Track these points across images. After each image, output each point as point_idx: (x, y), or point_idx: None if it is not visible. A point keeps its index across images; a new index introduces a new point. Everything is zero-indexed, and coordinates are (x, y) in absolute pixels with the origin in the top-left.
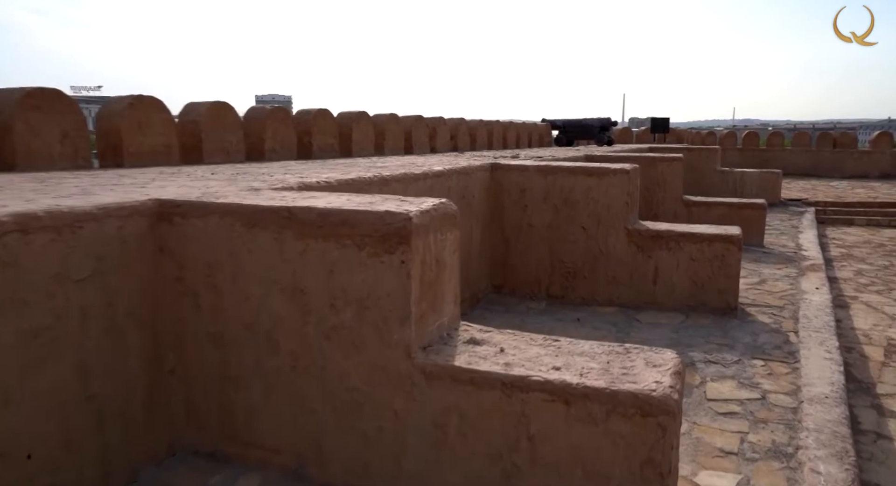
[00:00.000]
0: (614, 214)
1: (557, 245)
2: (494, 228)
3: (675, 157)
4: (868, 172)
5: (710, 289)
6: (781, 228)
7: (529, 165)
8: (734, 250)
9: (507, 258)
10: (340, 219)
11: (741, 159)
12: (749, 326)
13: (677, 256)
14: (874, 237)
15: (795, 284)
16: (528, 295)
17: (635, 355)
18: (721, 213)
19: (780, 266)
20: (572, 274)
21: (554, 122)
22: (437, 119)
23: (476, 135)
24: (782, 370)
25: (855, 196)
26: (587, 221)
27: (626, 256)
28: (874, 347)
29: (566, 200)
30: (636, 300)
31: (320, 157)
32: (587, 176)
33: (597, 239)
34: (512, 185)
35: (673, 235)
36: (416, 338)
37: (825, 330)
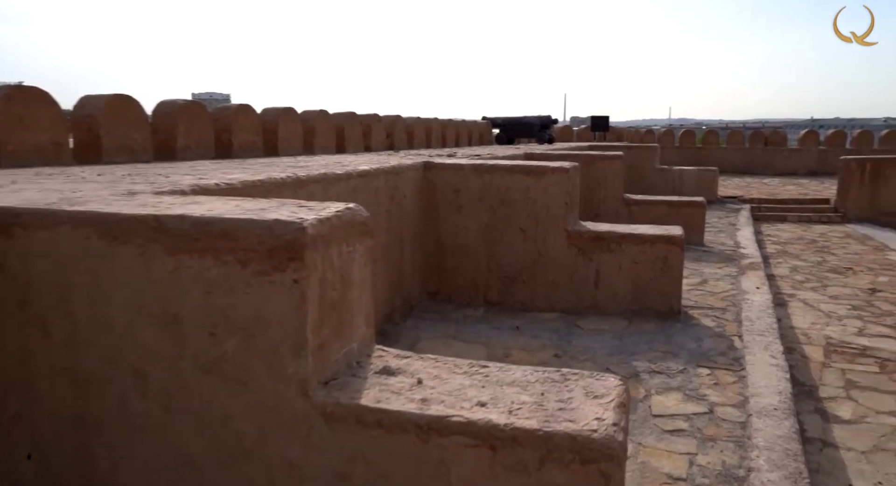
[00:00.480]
0: (554, 215)
1: (495, 248)
2: (428, 231)
3: (615, 155)
4: (797, 169)
5: (652, 292)
6: (720, 225)
7: (464, 163)
8: (677, 252)
9: (443, 263)
10: (220, 230)
11: (679, 157)
12: (693, 330)
13: (619, 258)
14: (806, 233)
15: (736, 283)
16: (464, 302)
17: (574, 383)
18: (662, 212)
19: (720, 265)
20: (511, 279)
21: (494, 120)
22: (371, 116)
23: (413, 133)
24: (728, 379)
25: (787, 193)
26: (526, 222)
27: (566, 259)
28: (814, 346)
29: (503, 200)
30: (577, 306)
31: (241, 156)
32: (525, 175)
33: (536, 241)
34: (446, 185)
35: (614, 236)
36: (314, 371)
37: (769, 333)
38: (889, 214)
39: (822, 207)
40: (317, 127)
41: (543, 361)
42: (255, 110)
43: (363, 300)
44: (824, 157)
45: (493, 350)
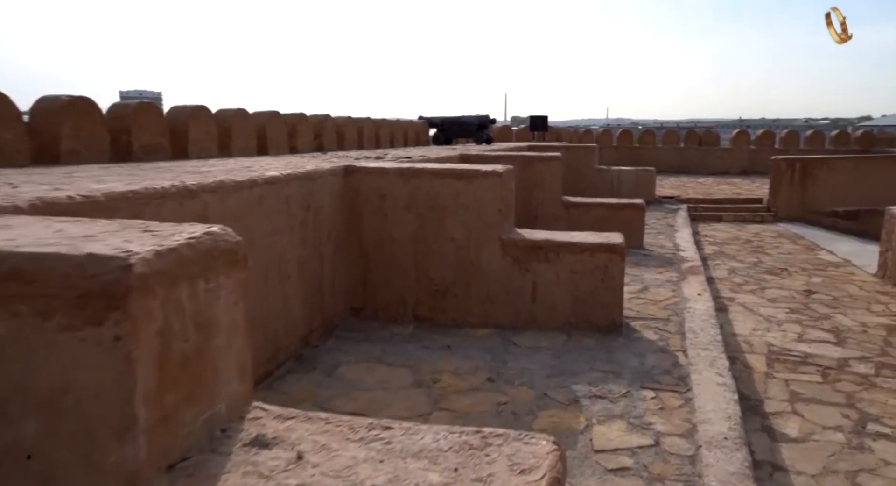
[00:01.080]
0: (487, 223)
1: (424, 260)
2: (351, 241)
3: (553, 156)
4: (729, 168)
5: (593, 305)
6: (658, 226)
7: (389, 167)
8: (617, 261)
9: (368, 276)
10: (10, 269)
11: (617, 157)
12: (635, 345)
13: (557, 269)
14: (741, 233)
15: (678, 290)
16: (392, 318)
17: (496, 449)
18: (601, 214)
19: (661, 270)
20: (442, 293)
21: (431, 119)
22: (297, 116)
23: (345, 133)
24: (674, 403)
25: (721, 193)
26: (457, 231)
27: (501, 270)
28: (756, 355)
29: (432, 207)
30: (514, 320)
31: (143, 159)
32: (455, 179)
33: (468, 251)
34: (370, 190)
35: (552, 245)
36: (150, 456)
37: (713, 346)
38: (817, 213)
39: (756, 207)
40: (234, 127)
41: (475, 386)
42: (159, 109)
43: (234, 348)
44: (755, 156)
45: (421, 375)
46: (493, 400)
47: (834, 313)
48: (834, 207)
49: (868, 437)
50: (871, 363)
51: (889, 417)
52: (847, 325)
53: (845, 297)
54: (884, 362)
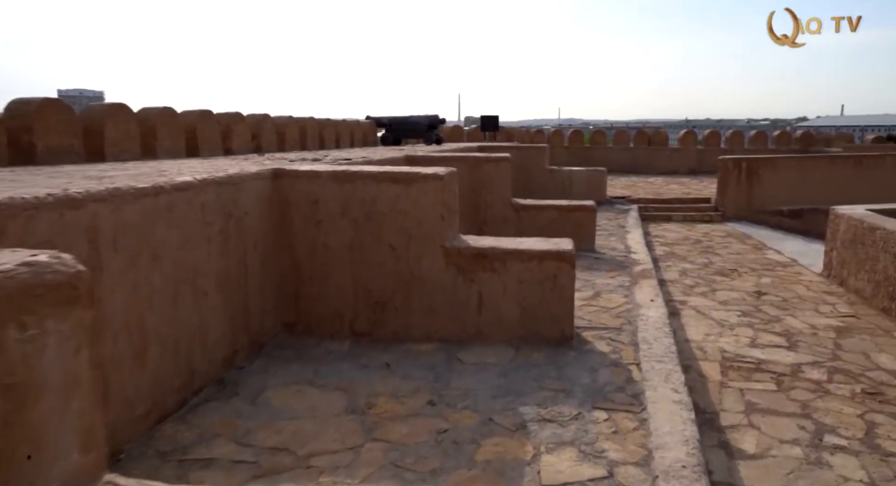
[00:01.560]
0: (428, 230)
1: (361, 270)
2: (282, 251)
3: (502, 157)
4: (678, 168)
5: (542, 316)
6: (610, 228)
7: (322, 170)
8: (567, 269)
9: (301, 289)
10: None
11: (568, 157)
12: (587, 358)
13: (504, 278)
14: (691, 233)
15: (630, 295)
16: (328, 333)
17: None
18: (551, 216)
19: (612, 274)
20: (381, 305)
21: (379, 119)
22: (232, 115)
23: (285, 134)
24: (629, 425)
25: (671, 192)
26: (396, 238)
27: (444, 280)
28: (710, 362)
29: (369, 213)
30: (459, 334)
31: (50, 162)
32: (393, 183)
33: (408, 261)
34: (301, 196)
35: (498, 253)
36: None
37: (668, 359)
38: (763, 213)
39: (704, 207)
40: (159, 127)
41: (415, 410)
42: (69, 107)
43: (74, 411)
44: (702, 156)
45: (355, 399)
46: (432, 427)
47: (784, 315)
48: (779, 207)
49: (826, 450)
50: (823, 368)
51: (845, 427)
52: (798, 328)
53: (794, 298)
54: (835, 367)
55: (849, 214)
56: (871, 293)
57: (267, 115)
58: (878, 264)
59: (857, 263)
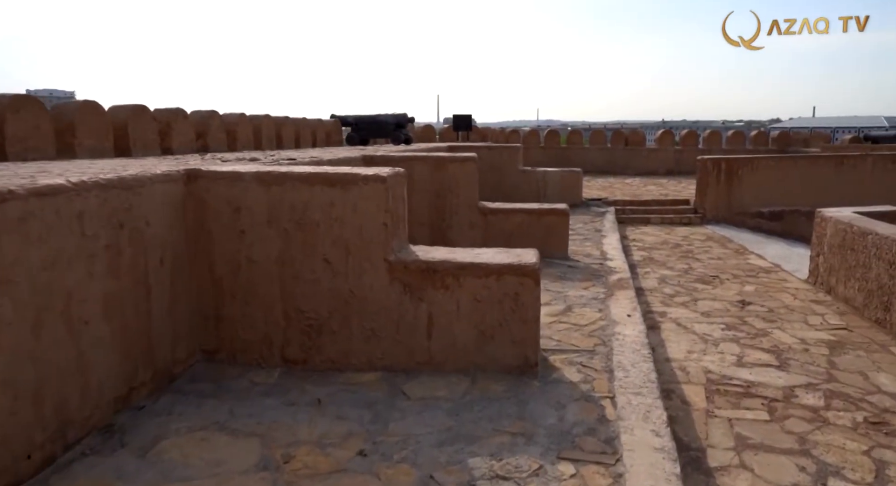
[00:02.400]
0: (369, 241)
1: (293, 288)
2: (198, 266)
3: (468, 156)
4: (656, 168)
5: (501, 340)
6: (585, 232)
7: (245, 171)
8: (530, 286)
9: (222, 310)
10: None
11: (544, 158)
12: (554, 390)
13: (457, 297)
14: (670, 237)
15: (605, 309)
16: (255, 361)
17: None
18: (521, 221)
19: (586, 284)
20: (316, 329)
21: (345, 118)
22: (172, 111)
23: (237, 133)
24: (600, 482)
25: (648, 194)
26: (332, 251)
27: (389, 299)
28: (694, 385)
29: (300, 221)
30: (406, 361)
31: None
32: (328, 186)
33: (347, 277)
34: (220, 201)
35: (450, 267)
36: None
37: (647, 390)
38: (743, 214)
39: (683, 208)
40: (79, 124)
41: (341, 464)
42: None
43: None
44: (680, 156)
45: (271, 448)
46: None
47: (771, 328)
48: (759, 208)
49: None
50: (818, 392)
51: (851, 467)
52: (787, 342)
53: (781, 308)
54: (832, 390)
55: (836, 217)
56: (863, 303)
57: (214, 112)
58: (870, 271)
59: (846, 269)
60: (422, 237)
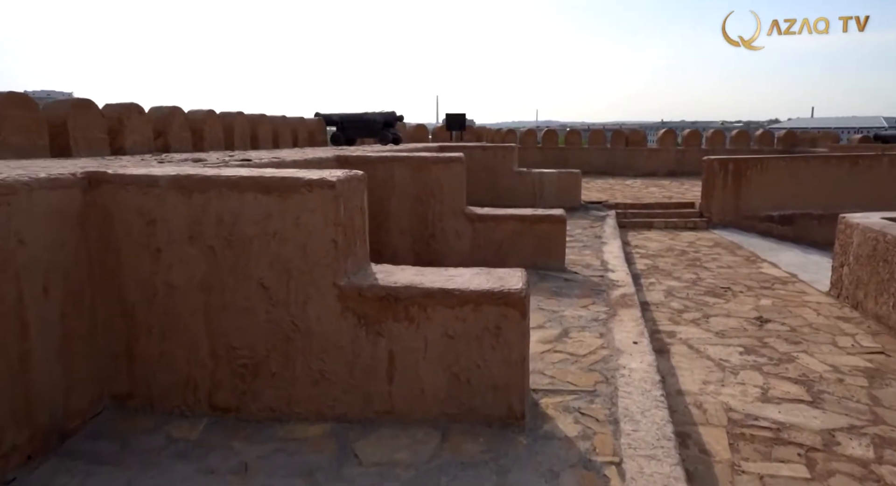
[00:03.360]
0: (315, 262)
1: (222, 319)
2: (105, 293)
3: (453, 157)
4: (657, 169)
5: (479, 385)
6: (584, 238)
7: (161, 174)
8: (516, 318)
9: (135, 346)
10: None
11: (542, 158)
12: (544, 451)
13: (425, 331)
14: (675, 243)
15: (607, 334)
16: (177, 409)
17: None
18: (513, 229)
19: (586, 301)
20: (251, 370)
21: (330, 117)
22: (126, 106)
23: (203, 131)
24: None
25: (651, 196)
26: (269, 274)
27: (340, 334)
28: (713, 428)
29: (230, 238)
30: (362, 410)
31: None
32: (262, 194)
33: (288, 306)
34: (131, 212)
35: (416, 294)
36: None
37: (662, 451)
38: (752, 218)
39: (688, 212)
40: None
41: None
42: None
43: None
44: (682, 156)
45: None
46: None
47: (797, 352)
48: (768, 212)
49: None
50: (864, 437)
51: None
52: (817, 370)
53: (804, 326)
54: (881, 435)
55: (865, 224)
56: None
57: (177, 108)
58: None
59: (877, 283)
60: (403, 247)
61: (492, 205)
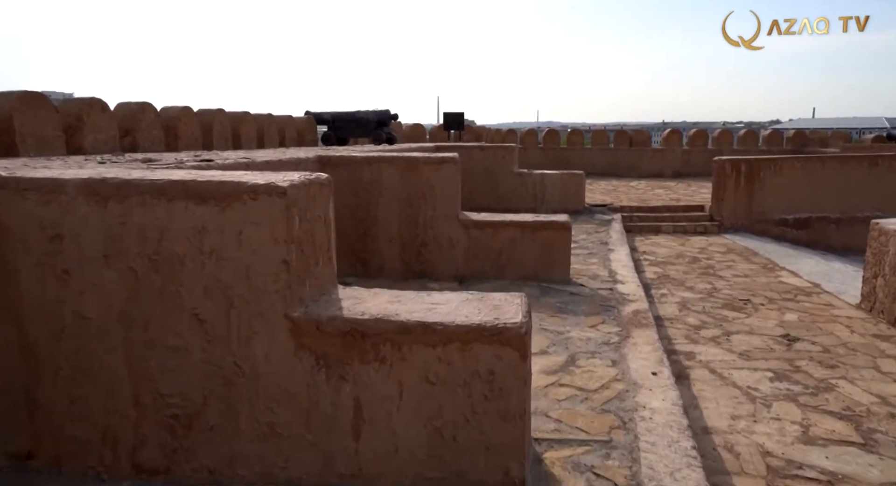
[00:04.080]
0: (262, 289)
1: (147, 358)
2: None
3: (445, 157)
4: (662, 170)
5: (469, 444)
6: (589, 245)
7: (69, 178)
8: (514, 361)
9: (37, 392)
10: None
11: (543, 159)
12: None
13: (399, 375)
14: (685, 248)
15: (621, 360)
16: (92, 470)
17: None
18: (512, 236)
19: (594, 320)
20: (185, 422)
21: (321, 115)
22: (87, 101)
23: (178, 130)
24: None
25: (657, 199)
26: (205, 303)
27: (294, 378)
28: (751, 479)
29: (156, 258)
30: (321, 473)
31: None
32: (195, 203)
33: (229, 343)
34: (30, 225)
35: (388, 329)
36: None
37: None
38: (765, 222)
39: (697, 215)
40: None
41: None
42: None
43: None
44: (688, 157)
45: None
46: None
47: (835, 378)
48: (782, 215)
49: None
50: None
51: None
52: (862, 402)
53: (838, 346)
54: None
55: None
56: None
57: (147, 104)
58: None
59: None
60: (391, 256)
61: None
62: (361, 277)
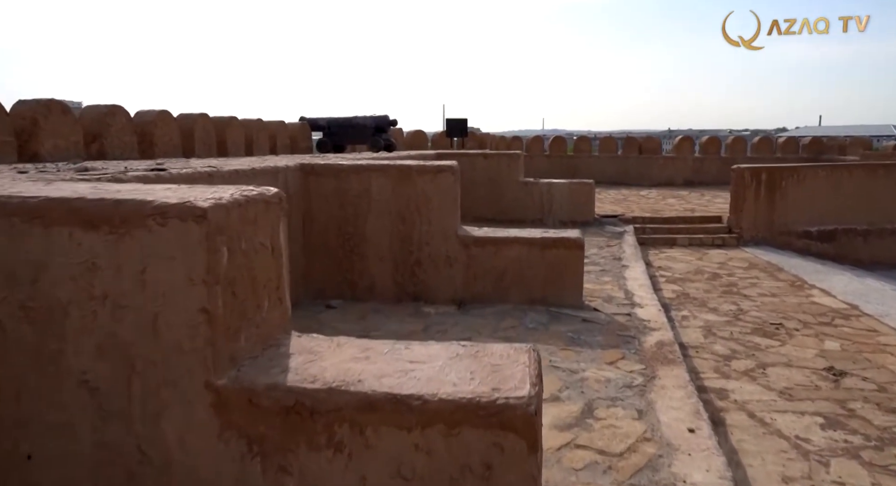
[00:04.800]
0: (173, 346)
1: (21, 440)
2: None
3: (442, 165)
4: (673, 178)
5: None
6: (601, 261)
7: None
8: (518, 450)
9: None
10: None
11: (550, 167)
12: None
13: (361, 468)
14: (704, 263)
15: (648, 410)
16: None
17: None
18: (518, 255)
19: (612, 355)
20: None
21: (316, 121)
22: (45, 104)
23: (154, 135)
24: None
25: (670, 209)
26: (98, 366)
27: (218, 468)
28: None
29: (30, 305)
30: None
31: None
32: (83, 229)
33: (131, 420)
34: None
35: (346, 404)
36: None
37: None
38: (787, 234)
39: (714, 227)
40: None
41: None
42: None
43: None
44: (700, 165)
45: None
46: None
47: None
48: (806, 227)
49: None
50: None
51: None
52: None
53: (893, 384)
54: None
55: None
56: None
57: (118, 107)
58: None
59: None
60: (382, 277)
61: (495, 220)
62: (349, 299)
